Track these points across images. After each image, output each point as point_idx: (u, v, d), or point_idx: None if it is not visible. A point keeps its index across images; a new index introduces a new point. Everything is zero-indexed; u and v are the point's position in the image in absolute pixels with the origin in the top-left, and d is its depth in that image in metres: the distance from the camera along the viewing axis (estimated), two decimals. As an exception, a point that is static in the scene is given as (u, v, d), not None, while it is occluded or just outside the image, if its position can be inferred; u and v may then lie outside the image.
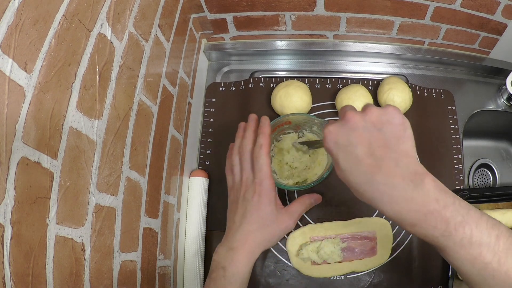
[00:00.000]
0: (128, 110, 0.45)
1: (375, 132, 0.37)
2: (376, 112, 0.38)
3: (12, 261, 0.27)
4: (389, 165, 0.36)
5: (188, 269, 0.62)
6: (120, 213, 0.43)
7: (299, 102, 0.67)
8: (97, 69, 0.38)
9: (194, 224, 0.64)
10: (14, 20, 0.27)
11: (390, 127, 0.37)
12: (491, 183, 0.84)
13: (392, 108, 0.38)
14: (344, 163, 0.37)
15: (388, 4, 0.66)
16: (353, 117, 0.38)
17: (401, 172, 0.35)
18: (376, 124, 0.37)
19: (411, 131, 0.38)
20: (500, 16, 0.65)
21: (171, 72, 0.58)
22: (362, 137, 0.37)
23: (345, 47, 0.76)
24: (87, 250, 0.37)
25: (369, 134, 0.37)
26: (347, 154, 0.37)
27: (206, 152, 0.71)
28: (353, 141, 0.37)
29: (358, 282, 0.63)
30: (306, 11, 0.68)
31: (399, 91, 0.67)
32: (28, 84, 0.29)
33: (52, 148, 0.32)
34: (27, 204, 0.29)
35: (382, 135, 0.37)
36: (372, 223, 0.64)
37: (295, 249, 0.63)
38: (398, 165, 0.36)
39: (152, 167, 0.51)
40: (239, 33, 0.75)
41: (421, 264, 0.63)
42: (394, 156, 0.36)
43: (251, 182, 0.52)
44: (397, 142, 0.37)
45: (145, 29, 0.48)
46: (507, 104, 0.75)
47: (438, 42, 0.74)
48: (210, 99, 0.74)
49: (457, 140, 0.71)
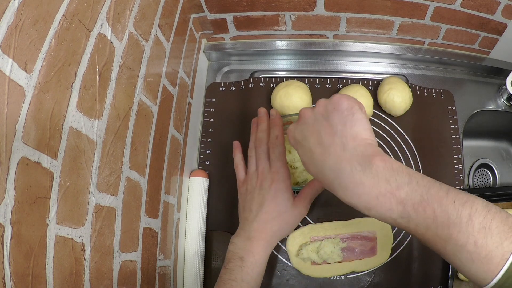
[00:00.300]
0: (128, 110, 0.45)
1: (324, 122, 0.38)
2: (323, 102, 0.39)
3: (12, 261, 0.27)
4: (336, 150, 0.36)
5: (188, 269, 0.62)
6: (120, 213, 0.43)
7: (299, 102, 0.67)
8: (97, 69, 0.38)
9: (194, 224, 0.64)
10: (14, 20, 0.27)
11: (336, 114, 0.37)
12: (491, 183, 0.84)
13: (337, 95, 0.39)
14: (303, 156, 0.39)
15: (388, 4, 0.66)
16: (306, 113, 0.41)
17: (348, 156, 0.35)
18: (324, 114, 0.38)
19: (362, 114, 0.38)
20: (500, 16, 0.65)
21: (171, 72, 0.58)
22: (313, 129, 0.38)
23: (345, 47, 0.76)
24: (87, 250, 0.37)
25: (319, 125, 0.38)
26: (303, 148, 0.39)
27: (206, 152, 0.71)
28: (306, 134, 0.39)
29: (358, 282, 0.63)
30: (306, 11, 0.68)
31: (399, 91, 0.67)
32: (28, 84, 0.29)
33: (52, 148, 0.32)
34: (27, 204, 0.29)
35: (329, 123, 0.37)
36: (372, 223, 0.64)
37: (295, 249, 0.63)
38: (344, 149, 0.35)
39: (152, 167, 0.51)
40: (239, 33, 0.75)
41: (421, 264, 0.63)
42: (340, 141, 0.36)
43: (267, 171, 0.53)
44: (344, 127, 0.37)
45: (145, 29, 0.48)
46: (507, 104, 0.75)
47: (438, 42, 0.74)
48: (210, 99, 0.74)
49: (457, 140, 0.71)
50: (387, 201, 0.33)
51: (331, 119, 0.37)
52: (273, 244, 0.53)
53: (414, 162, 0.69)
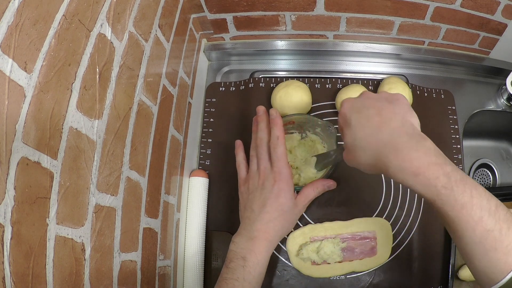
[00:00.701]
0: (128, 110, 0.45)
1: (386, 103, 0.41)
2: (388, 92, 0.44)
3: (12, 261, 0.27)
4: (396, 123, 0.39)
5: (188, 269, 0.62)
6: (120, 213, 0.43)
7: (299, 102, 0.67)
8: (97, 69, 0.38)
9: (194, 224, 0.64)
10: (14, 20, 0.27)
11: (399, 104, 0.41)
12: (491, 183, 0.84)
13: (401, 94, 0.43)
14: (355, 121, 0.41)
15: (388, 4, 0.66)
16: (368, 93, 0.44)
17: (406, 130, 0.39)
18: (387, 98, 0.42)
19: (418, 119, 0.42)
20: (500, 16, 0.65)
21: (171, 72, 0.58)
22: (374, 104, 0.42)
23: (345, 47, 0.76)
24: (87, 250, 0.37)
25: (381, 104, 0.41)
26: (359, 114, 0.41)
27: (206, 152, 0.71)
28: (367, 104, 0.42)
29: (358, 282, 0.63)
30: (306, 11, 0.68)
31: (399, 91, 0.67)
32: (28, 84, 0.29)
33: (52, 148, 0.32)
34: (27, 204, 0.29)
35: (392, 106, 0.41)
36: (372, 223, 0.64)
37: (295, 249, 0.63)
38: (403, 125, 0.39)
39: (152, 167, 0.51)
40: (239, 33, 0.75)
41: (421, 264, 0.63)
42: (400, 120, 0.39)
43: (269, 171, 0.54)
44: (405, 113, 0.40)
45: (145, 29, 0.48)
46: (507, 104, 0.75)
47: (438, 42, 0.74)
48: (210, 99, 0.74)
49: (457, 140, 0.71)
50: (436, 170, 0.36)
51: (394, 104, 0.41)
52: (275, 243, 0.53)
53: (414, 162, 0.68)
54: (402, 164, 0.37)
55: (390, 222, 0.65)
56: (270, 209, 0.52)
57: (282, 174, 0.53)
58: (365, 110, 0.41)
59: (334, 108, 0.71)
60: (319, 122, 0.62)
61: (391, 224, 0.65)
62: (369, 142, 0.39)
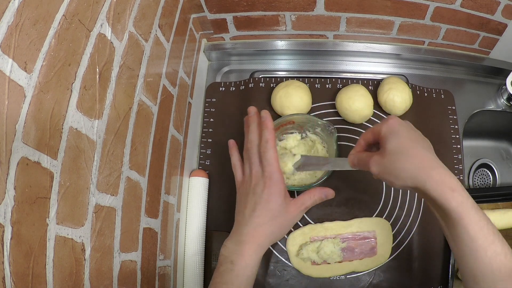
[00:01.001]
0: (128, 110, 0.45)
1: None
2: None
3: (12, 261, 0.27)
4: (432, 150, 0.46)
5: (188, 269, 0.62)
6: (120, 213, 0.43)
7: (299, 102, 0.67)
8: (97, 69, 0.38)
9: (194, 224, 0.64)
10: (14, 20, 0.27)
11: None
12: (491, 183, 0.84)
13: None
14: (406, 133, 0.45)
15: (388, 4, 0.66)
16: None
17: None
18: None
19: None
20: (500, 16, 0.65)
21: (171, 72, 0.58)
22: (416, 131, 0.47)
23: (345, 47, 0.76)
24: (87, 250, 0.37)
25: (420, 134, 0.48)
26: (409, 129, 0.46)
27: (206, 152, 0.71)
28: (413, 128, 0.47)
29: (358, 282, 0.63)
30: (306, 11, 0.68)
31: (399, 91, 0.67)
32: (28, 84, 0.29)
33: (52, 148, 0.32)
34: (27, 204, 0.29)
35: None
36: (372, 223, 0.64)
37: (295, 249, 0.63)
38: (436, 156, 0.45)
39: (152, 167, 0.51)
40: (239, 33, 0.75)
41: (421, 264, 0.63)
42: (433, 152, 0.45)
43: (260, 175, 0.53)
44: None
45: (145, 29, 0.48)
46: (507, 104, 0.75)
47: (438, 42, 0.74)
48: (210, 99, 0.74)
49: (457, 140, 0.71)
50: (465, 192, 0.41)
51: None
52: (265, 247, 0.52)
53: (414, 162, 0.68)
54: (443, 178, 0.41)
55: (390, 222, 0.65)
56: (260, 213, 0.52)
57: (272, 179, 0.52)
58: (413, 130, 0.46)
59: (334, 108, 0.71)
60: (319, 122, 0.62)
61: (391, 224, 0.65)
62: (416, 153, 0.43)
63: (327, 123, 0.62)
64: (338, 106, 0.69)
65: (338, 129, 0.69)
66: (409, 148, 0.43)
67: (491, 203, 0.69)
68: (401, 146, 0.43)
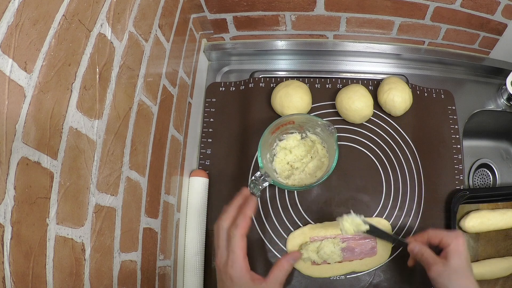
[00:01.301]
0: (128, 110, 0.45)
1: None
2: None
3: (12, 261, 0.27)
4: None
5: (188, 269, 0.62)
6: (120, 213, 0.43)
7: (299, 102, 0.67)
8: (97, 69, 0.38)
9: (194, 224, 0.64)
10: (14, 20, 0.27)
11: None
12: (491, 183, 0.84)
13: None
14: (468, 262, 0.53)
15: (388, 4, 0.66)
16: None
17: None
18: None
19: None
20: (500, 16, 0.65)
21: (171, 72, 0.58)
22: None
23: (345, 47, 0.76)
24: (87, 250, 0.37)
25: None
26: (467, 251, 0.54)
27: (206, 152, 0.71)
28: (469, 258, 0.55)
29: (358, 282, 0.63)
30: (306, 11, 0.68)
31: (399, 91, 0.67)
32: (28, 84, 0.29)
33: (52, 148, 0.32)
34: (27, 204, 0.29)
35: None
36: (372, 223, 0.64)
37: (295, 249, 0.63)
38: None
39: (152, 167, 0.51)
40: (239, 33, 0.75)
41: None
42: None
43: (225, 262, 0.51)
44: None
45: (145, 29, 0.48)
46: (507, 104, 0.75)
47: (438, 42, 0.74)
48: (210, 99, 0.74)
49: (457, 140, 0.71)
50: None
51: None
52: None
53: (414, 162, 0.69)
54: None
55: (390, 222, 0.65)
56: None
57: (234, 269, 0.50)
58: (468, 251, 0.54)
59: (334, 108, 0.71)
60: (319, 122, 0.62)
61: (391, 224, 0.65)
62: (468, 276, 0.52)
63: (327, 123, 0.62)
64: (338, 106, 0.69)
65: (338, 129, 0.69)
66: (464, 271, 0.52)
67: (491, 203, 0.69)
68: (461, 266, 0.52)
